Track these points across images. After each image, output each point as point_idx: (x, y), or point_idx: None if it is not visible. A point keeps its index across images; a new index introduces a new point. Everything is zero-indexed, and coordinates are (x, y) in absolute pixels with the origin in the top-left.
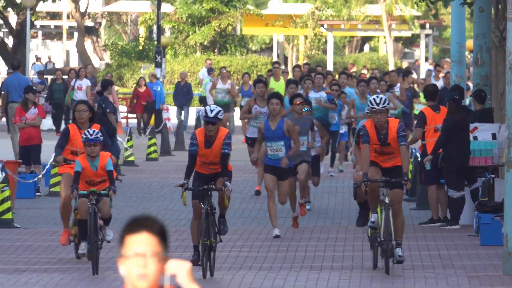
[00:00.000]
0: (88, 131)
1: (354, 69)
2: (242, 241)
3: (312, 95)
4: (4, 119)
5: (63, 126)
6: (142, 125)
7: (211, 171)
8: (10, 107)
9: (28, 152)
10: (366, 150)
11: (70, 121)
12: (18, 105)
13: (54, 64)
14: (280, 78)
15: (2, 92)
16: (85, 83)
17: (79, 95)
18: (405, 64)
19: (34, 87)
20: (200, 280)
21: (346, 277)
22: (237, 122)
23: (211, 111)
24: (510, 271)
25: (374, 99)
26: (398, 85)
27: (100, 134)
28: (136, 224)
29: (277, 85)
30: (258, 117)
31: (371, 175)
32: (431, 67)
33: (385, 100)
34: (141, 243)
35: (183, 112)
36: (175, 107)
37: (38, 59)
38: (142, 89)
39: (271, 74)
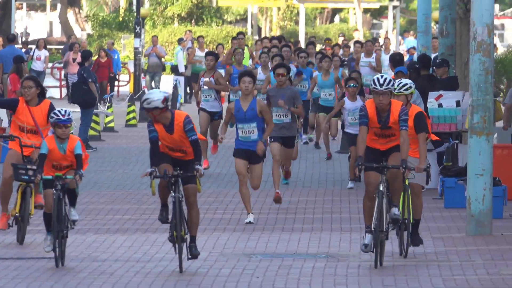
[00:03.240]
0: (59, 111)
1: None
2: (217, 204)
3: None
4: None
5: None
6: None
7: (177, 157)
8: (5, 78)
9: None
10: (363, 132)
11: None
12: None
13: (29, 34)
14: (245, 49)
15: None
16: (43, 53)
17: (38, 65)
18: (382, 34)
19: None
20: (176, 273)
21: (316, 238)
22: None
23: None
24: (473, 233)
25: (378, 78)
26: (374, 54)
27: (71, 115)
28: None
29: None
30: (204, 90)
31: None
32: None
33: (390, 80)
34: None
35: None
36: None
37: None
38: (104, 60)
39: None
